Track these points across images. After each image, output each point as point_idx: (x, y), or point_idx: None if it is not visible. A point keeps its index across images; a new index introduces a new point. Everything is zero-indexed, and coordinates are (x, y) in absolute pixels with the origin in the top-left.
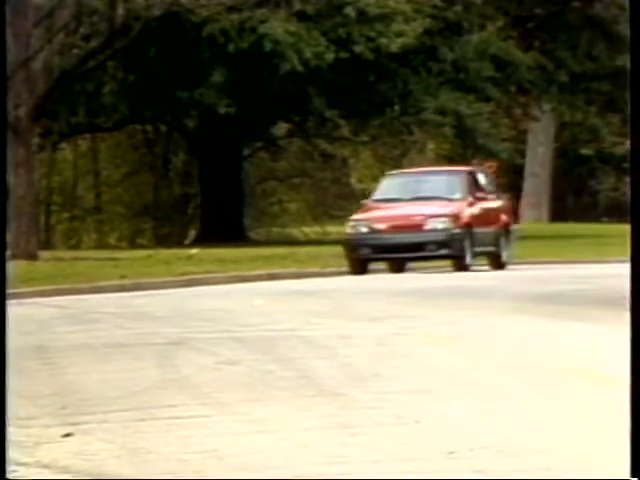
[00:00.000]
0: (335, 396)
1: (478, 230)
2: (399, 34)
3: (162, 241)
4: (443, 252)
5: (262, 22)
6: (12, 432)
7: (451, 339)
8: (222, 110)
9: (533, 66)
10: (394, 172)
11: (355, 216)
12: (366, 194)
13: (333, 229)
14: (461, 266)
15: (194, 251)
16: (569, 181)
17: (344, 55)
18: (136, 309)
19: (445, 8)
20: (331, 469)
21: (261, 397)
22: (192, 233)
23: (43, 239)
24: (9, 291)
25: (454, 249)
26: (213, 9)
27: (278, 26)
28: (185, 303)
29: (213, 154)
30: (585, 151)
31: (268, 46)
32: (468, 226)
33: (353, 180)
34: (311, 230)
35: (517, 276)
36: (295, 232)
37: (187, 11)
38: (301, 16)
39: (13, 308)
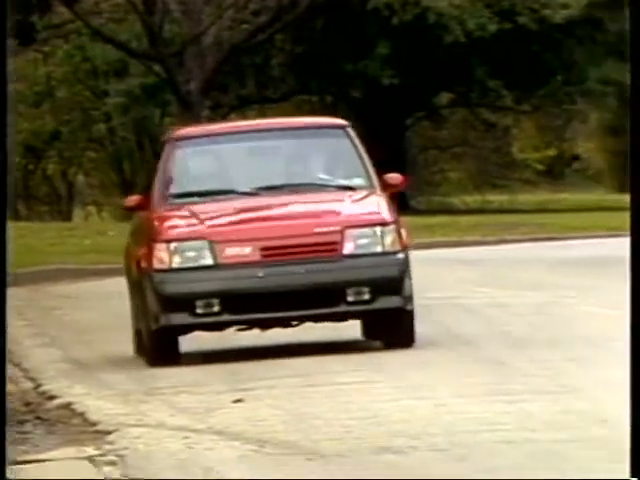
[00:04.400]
0: (494, 364)
1: None
2: (563, 6)
3: None
4: (386, 304)
5: None
6: (184, 399)
7: (608, 308)
8: (386, 81)
9: None
10: (183, 133)
11: (168, 232)
12: (527, 164)
13: (494, 198)
14: (409, 336)
15: None
16: None
17: (507, 26)
18: None
19: None
20: (488, 436)
21: (420, 363)
22: None
23: None
24: None
25: (405, 297)
26: None
27: None
28: None
29: (377, 124)
30: None
31: (432, 18)
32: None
33: (515, 149)
34: (472, 199)
35: None
36: (456, 201)
37: None
38: None
39: None
